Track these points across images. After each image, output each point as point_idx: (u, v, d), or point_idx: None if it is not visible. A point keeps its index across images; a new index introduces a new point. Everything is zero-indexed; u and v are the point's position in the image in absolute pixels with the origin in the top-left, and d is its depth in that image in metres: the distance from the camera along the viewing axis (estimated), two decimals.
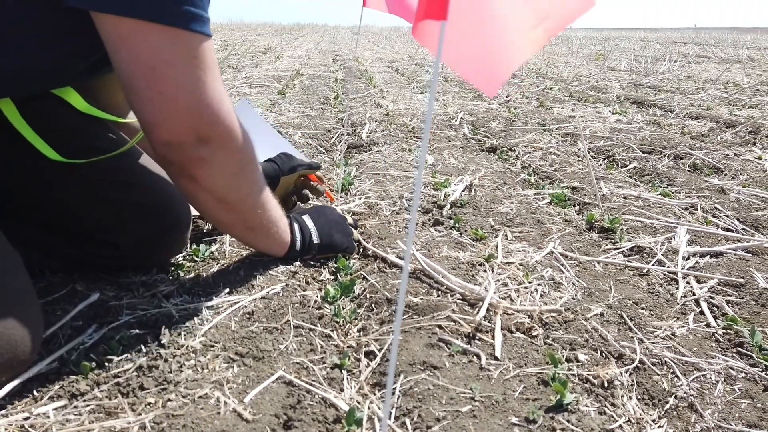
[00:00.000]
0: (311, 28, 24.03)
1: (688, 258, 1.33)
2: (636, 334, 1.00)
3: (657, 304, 1.12)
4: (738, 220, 1.59)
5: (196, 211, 1.21)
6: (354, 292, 1.13)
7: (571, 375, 0.87)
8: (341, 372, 0.87)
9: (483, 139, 2.64)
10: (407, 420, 0.75)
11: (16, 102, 0.97)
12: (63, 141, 1.02)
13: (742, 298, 1.15)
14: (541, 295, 1.12)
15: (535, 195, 1.79)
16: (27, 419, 0.72)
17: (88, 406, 0.74)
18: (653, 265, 1.29)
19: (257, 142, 1.05)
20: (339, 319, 1.03)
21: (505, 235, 1.43)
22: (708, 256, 1.35)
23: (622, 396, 0.84)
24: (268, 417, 0.74)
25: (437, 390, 0.81)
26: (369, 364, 0.90)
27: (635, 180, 2.05)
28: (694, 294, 1.17)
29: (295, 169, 1.38)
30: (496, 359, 0.90)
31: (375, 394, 0.82)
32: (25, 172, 1.03)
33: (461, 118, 3.13)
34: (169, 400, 0.74)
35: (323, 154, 2.26)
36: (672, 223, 1.53)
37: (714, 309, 1.12)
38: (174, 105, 0.85)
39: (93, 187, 1.07)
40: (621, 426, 0.78)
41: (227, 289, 1.04)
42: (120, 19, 0.80)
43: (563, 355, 0.92)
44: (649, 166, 2.18)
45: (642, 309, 1.09)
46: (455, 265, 1.23)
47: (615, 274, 1.25)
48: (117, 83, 1.17)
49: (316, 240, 1.19)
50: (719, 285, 1.21)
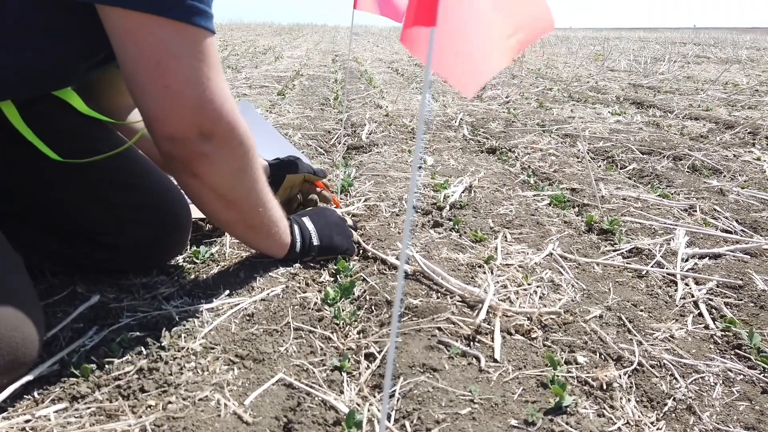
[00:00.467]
0: (311, 28, 24.05)
1: (687, 260, 1.34)
2: (635, 336, 1.00)
3: (656, 306, 1.12)
4: (737, 221, 1.60)
5: (196, 213, 1.22)
6: (354, 294, 1.13)
7: (570, 377, 0.87)
8: (341, 374, 0.88)
9: (482, 140, 2.64)
10: (407, 422, 0.76)
11: (17, 104, 0.97)
12: (63, 143, 1.02)
13: (740, 300, 1.16)
14: (541, 297, 1.12)
15: (535, 196, 1.80)
16: (28, 422, 0.72)
17: (89, 408, 0.74)
18: (652, 267, 1.29)
19: (259, 142, 1.05)
20: (339, 321, 1.03)
21: (505, 237, 1.43)
22: (707, 257, 1.35)
23: (620, 398, 0.84)
24: (268, 419, 0.74)
25: (437, 392, 0.81)
26: (369, 366, 0.90)
27: (634, 181, 2.05)
28: (692, 296, 1.17)
29: (301, 171, 1.39)
30: (495, 361, 0.90)
31: (375, 396, 0.83)
32: (25, 173, 1.03)
33: (461, 119, 3.13)
34: (170, 402, 0.74)
35: (323, 155, 2.27)
36: (671, 225, 1.53)
37: (713, 311, 1.12)
38: (178, 99, 0.85)
39: (93, 189, 1.07)
40: (620, 428, 0.78)
41: (227, 291, 1.05)
42: (127, 13, 0.80)
43: (562, 358, 0.92)
44: (649, 167, 2.18)
45: (641, 311, 1.10)
46: (455, 267, 1.23)
47: (614, 275, 1.26)
48: (115, 86, 1.18)
49: (316, 242, 1.19)
50: (718, 287, 1.21)
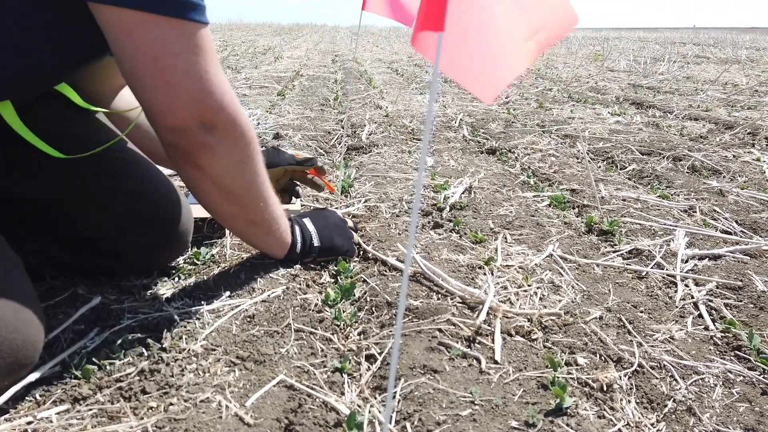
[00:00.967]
0: (310, 28, 24.04)
1: (686, 261, 1.34)
2: (635, 337, 1.01)
3: (656, 307, 1.13)
4: (736, 222, 1.60)
5: (196, 214, 1.22)
6: (354, 295, 1.13)
7: (571, 379, 0.88)
8: (342, 375, 0.88)
9: (482, 141, 2.64)
10: (408, 424, 0.76)
11: (15, 106, 0.97)
12: (63, 143, 1.02)
13: (740, 301, 1.16)
14: (541, 299, 1.12)
15: (535, 197, 1.80)
16: (30, 423, 0.72)
17: (90, 410, 0.74)
18: (652, 268, 1.29)
19: None
20: (339, 323, 1.03)
21: (505, 238, 1.43)
22: (707, 258, 1.36)
23: (621, 400, 0.84)
24: (269, 421, 0.74)
25: (437, 394, 0.81)
26: (369, 367, 0.90)
27: (634, 182, 2.06)
28: (692, 297, 1.17)
29: (280, 164, 1.38)
30: (495, 363, 0.90)
31: (375, 397, 0.83)
32: (24, 177, 1.03)
33: (461, 119, 3.13)
34: (171, 404, 0.75)
35: (323, 156, 2.27)
36: (671, 226, 1.54)
37: (712, 312, 1.12)
38: (179, 93, 0.86)
39: (92, 194, 1.06)
40: (620, 430, 0.78)
41: (228, 293, 1.05)
42: (123, 11, 0.80)
43: (562, 359, 0.93)
44: (648, 167, 2.18)
45: (641, 312, 1.10)
46: (455, 268, 1.23)
47: (614, 276, 1.26)
48: (101, 72, 1.17)
49: (316, 243, 1.19)
50: (717, 288, 1.21)
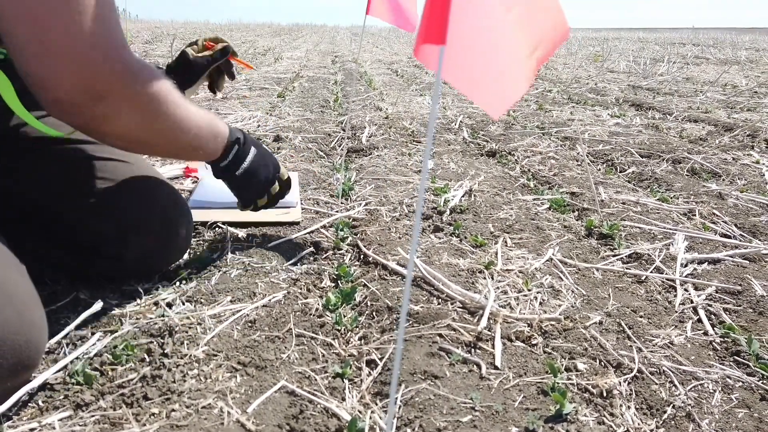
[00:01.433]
0: (310, 28, 24.05)
1: (686, 265, 1.34)
2: (634, 342, 1.01)
3: (655, 312, 1.13)
4: (736, 226, 1.60)
5: (196, 217, 1.22)
6: (355, 299, 1.14)
7: (571, 384, 0.88)
8: (343, 381, 0.88)
9: (482, 143, 2.65)
10: (408, 430, 0.76)
11: (16, 88, 0.94)
12: (59, 127, 1.00)
13: (739, 305, 1.17)
14: (541, 303, 1.13)
15: (535, 200, 1.80)
16: (33, 430, 0.72)
17: (93, 416, 0.75)
18: (651, 273, 1.30)
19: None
20: (340, 328, 1.04)
21: (505, 242, 1.44)
22: (706, 262, 1.36)
23: (620, 405, 0.85)
24: (270, 427, 0.74)
25: (438, 400, 0.82)
26: (370, 373, 0.91)
27: (634, 185, 2.06)
28: (692, 302, 1.18)
29: (200, 75, 1.31)
30: (496, 368, 0.91)
31: (377, 403, 0.83)
32: (25, 177, 1.03)
33: (461, 121, 3.14)
34: (173, 410, 0.75)
35: (323, 158, 2.27)
36: (670, 229, 1.54)
37: (712, 317, 1.13)
38: (58, 57, 0.77)
39: (93, 195, 1.06)
40: None
41: (229, 297, 1.05)
42: None
43: (562, 365, 0.93)
44: (648, 170, 2.19)
45: (640, 317, 1.10)
46: (455, 272, 1.24)
47: (614, 281, 1.26)
48: None
49: (245, 165, 1.16)
50: (717, 292, 1.22)
